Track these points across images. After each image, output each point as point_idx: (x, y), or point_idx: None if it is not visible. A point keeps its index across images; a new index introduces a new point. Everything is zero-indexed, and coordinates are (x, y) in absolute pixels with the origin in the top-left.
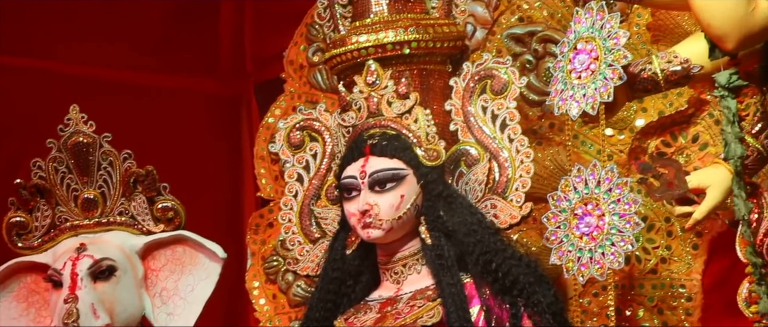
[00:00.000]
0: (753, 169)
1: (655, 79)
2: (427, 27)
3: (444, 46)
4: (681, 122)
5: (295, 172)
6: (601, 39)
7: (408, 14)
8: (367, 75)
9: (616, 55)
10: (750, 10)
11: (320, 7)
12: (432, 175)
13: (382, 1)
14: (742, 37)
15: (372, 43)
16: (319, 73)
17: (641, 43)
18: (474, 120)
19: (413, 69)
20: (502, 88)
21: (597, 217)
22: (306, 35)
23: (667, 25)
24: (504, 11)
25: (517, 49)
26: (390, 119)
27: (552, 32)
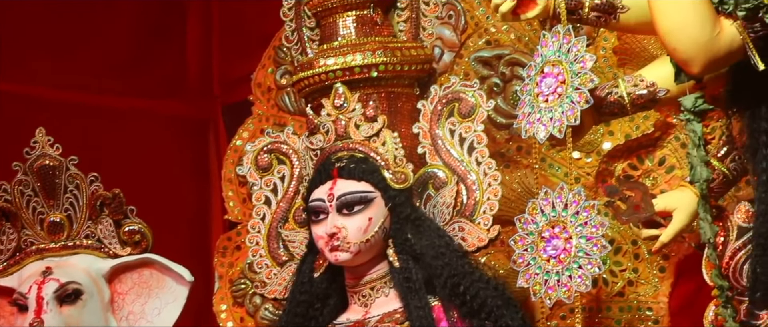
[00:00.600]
0: (719, 192)
1: (622, 102)
2: (394, 50)
3: (411, 69)
4: (647, 145)
5: (262, 195)
6: (567, 62)
7: (375, 37)
8: (335, 98)
9: (583, 78)
10: (715, 35)
11: (288, 29)
12: (400, 198)
13: (349, 24)
14: (707, 61)
15: (340, 66)
16: (287, 96)
17: (608, 66)
18: (442, 143)
19: (381, 92)
20: (469, 111)
21: (564, 240)
22: (274, 58)
23: (634, 48)
24: (471, 34)
25: (485, 72)
26: (358, 142)
27: (519, 55)
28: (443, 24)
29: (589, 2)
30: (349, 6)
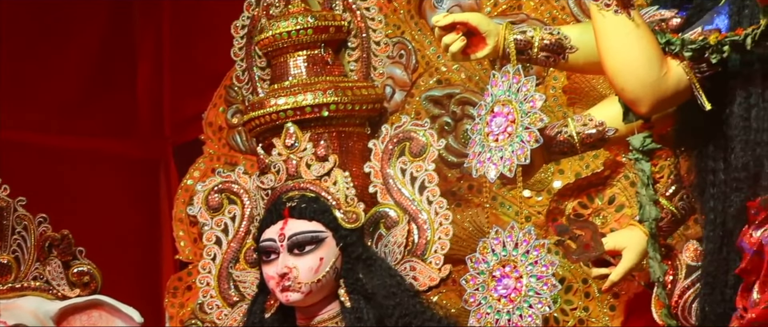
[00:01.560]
0: (667, 231)
1: (571, 141)
2: (345, 89)
3: (362, 108)
4: (597, 184)
5: (213, 235)
6: (517, 102)
7: (326, 77)
8: (286, 137)
9: (533, 118)
10: (662, 75)
11: (239, 69)
12: (351, 237)
13: (300, 63)
14: (655, 101)
15: (291, 105)
16: (239, 135)
17: (557, 105)
18: (393, 182)
19: (332, 131)
20: (420, 150)
21: (515, 279)
22: (225, 97)
23: (583, 88)
24: (422, 73)
25: (436, 111)
26: (309, 182)
27: (470, 94)
28: (394, 63)
29: (538, 42)
30: (300, 46)
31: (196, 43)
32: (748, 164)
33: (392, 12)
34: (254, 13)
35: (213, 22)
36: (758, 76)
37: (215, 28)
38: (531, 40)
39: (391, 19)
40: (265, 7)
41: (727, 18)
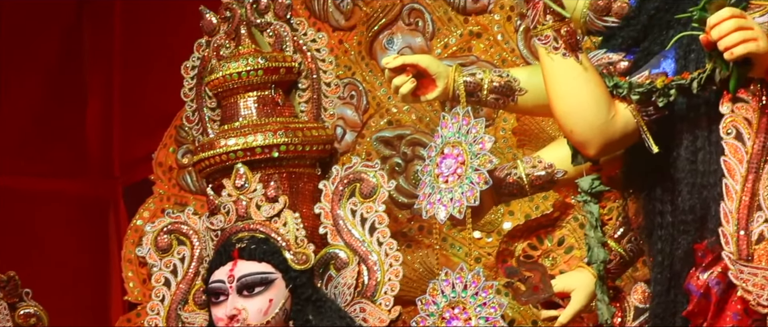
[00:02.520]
0: (616, 273)
1: (521, 183)
2: (296, 130)
3: (313, 149)
4: (547, 225)
5: (162, 276)
6: (467, 144)
7: (277, 118)
8: (236, 178)
9: (482, 159)
10: (610, 118)
11: (189, 110)
12: (301, 278)
13: (250, 104)
14: (603, 144)
15: (241, 146)
16: (189, 175)
17: (507, 147)
18: (343, 223)
19: (282, 172)
20: (370, 191)
21: (464, 321)
22: (175, 137)
23: (532, 129)
24: (373, 114)
25: (387, 152)
26: (259, 223)
27: (421, 135)
28: (345, 104)
29: (488, 85)
30: (250, 87)
31: (146, 83)
32: (695, 207)
33: (343, 53)
34: (204, 53)
35: (163, 63)
36: (704, 120)
37: (165, 69)
38: (480, 82)
39: (342, 60)
40: (215, 48)
41: (673, 62)
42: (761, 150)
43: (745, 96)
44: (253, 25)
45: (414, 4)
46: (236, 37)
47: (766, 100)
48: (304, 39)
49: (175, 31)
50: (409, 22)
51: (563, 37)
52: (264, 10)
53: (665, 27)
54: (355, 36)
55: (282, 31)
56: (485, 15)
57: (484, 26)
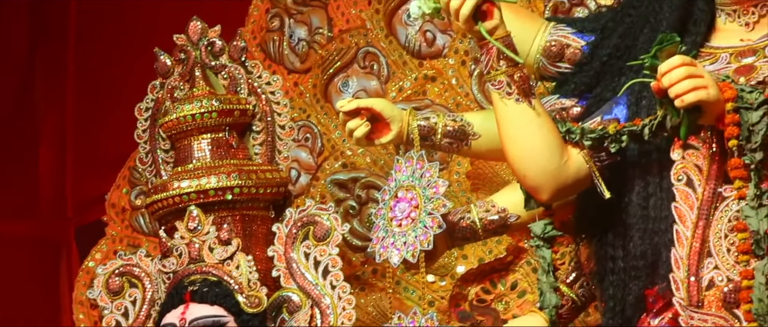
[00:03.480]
0: (568, 318)
1: (474, 227)
2: (250, 173)
3: (267, 192)
4: (500, 270)
5: (113, 318)
6: (421, 187)
7: (231, 160)
8: (189, 221)
9: (436, 203)
10: (563, 163)
11: (142, 151)
12: (253, 322)
13: (204, 146)
14: (555, 189)
15: (194, 188)
16: (142, 217)
17: (461, 190)
18: (296, 266)
19: (236, 215)
20: (324, 234)
21: None
22: (129, 178)
23: (486, 173)
24: (328, 157)
25: (341, 195)
26: (211, 265)
27: (375, 178)
28: (300, 146)
29: (442, 129)
30: (204, 129)
31: (100, 124)
32: (646, 253)
33: (298, 95)
34: (158, 95)
35: (117, 104)
36: (656, 166)
37: (119, 110)
38: (434, 126)
39: (297, 103)
40: (169, 89)
41: (625, 108)
42: (711, 196)
43: (695, 143)
44: (207, 68)
45: (369, 48)
46: (190, 79)
47: (716, 147)
48: (258, 81)
49: (129, 73)
50: (364, 66)
51: (516, 83)
52: (219, 52)
53: (617, 73)
54: (311, 78)
55: (237, 73)
56: (440, 59)
57: (438, 70)
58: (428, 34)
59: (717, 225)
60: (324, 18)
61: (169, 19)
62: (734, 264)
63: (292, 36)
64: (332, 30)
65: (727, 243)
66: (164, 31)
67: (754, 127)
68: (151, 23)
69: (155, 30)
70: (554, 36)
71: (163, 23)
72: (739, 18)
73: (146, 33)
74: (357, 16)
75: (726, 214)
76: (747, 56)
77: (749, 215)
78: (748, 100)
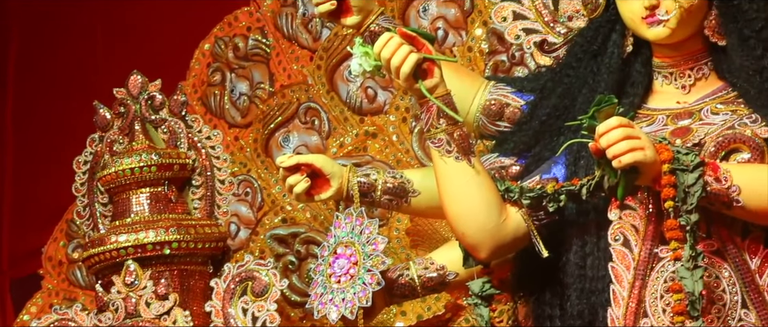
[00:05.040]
0: None
1: (412, 284)
2: (188, 227)
3: (205, 246)
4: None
5: None
6: (360, 244)
7: (169, 214)
8: (126, 275)
9: (375, 260)
10: (501, 221)
11: (80, 204)
12: None
13: (143, 201)
14: (494, 247)
15: (132, 243)
16: (79, 271)
17: (401, 247)
18: (234, 322)
19: (173, 269)
20: (262, 290)
21: None
22: (66, 231)
23: (426, 230)
24: (268, 212)
25: (280, 250)
26: (148, 320)
27: (315, 234)
28: (240, 201)
29: (382, 186)
30: (143, 183)
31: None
32: (583, 312)
33: (239, 150)
34: (97, 148)
35: (55, 157)
36: (593, 226)
37: (57, 163)
38: (374, 183)
39: (237, 157)
40: (108, 143)
41: (564, 168)
42: (648, 257)
43: (632, 203)
44: (147, 121)
45: (310, 103)
46: (130, 133)
47: (652, 208)
48: (199, 136)
49: (68, 126)
50: (306, 121)
51: (456, 141)
52: (159, 106)
53: (556, 133)
54: (251, 133)
55: (177, 127)
56: (381, 115)
57: (379, 126)
58: (369, 90)
59: (653, 285)
60: (265, 73)
61: (110, 72)
62: (670, 325)
63: (234, 90)
64: (274, 85)
65: (662, 304)
66: (104, 84)
67: (690, 189)
68: (90, 76)
69: (95, 83)
70: (494, 95)
71: (103, 76)
72: (675, 81)
73: (86, 86)
74: (298, 72)
75: (662, 274)
76: (683, 118)
77: (684, 276)
78: (684, 162)
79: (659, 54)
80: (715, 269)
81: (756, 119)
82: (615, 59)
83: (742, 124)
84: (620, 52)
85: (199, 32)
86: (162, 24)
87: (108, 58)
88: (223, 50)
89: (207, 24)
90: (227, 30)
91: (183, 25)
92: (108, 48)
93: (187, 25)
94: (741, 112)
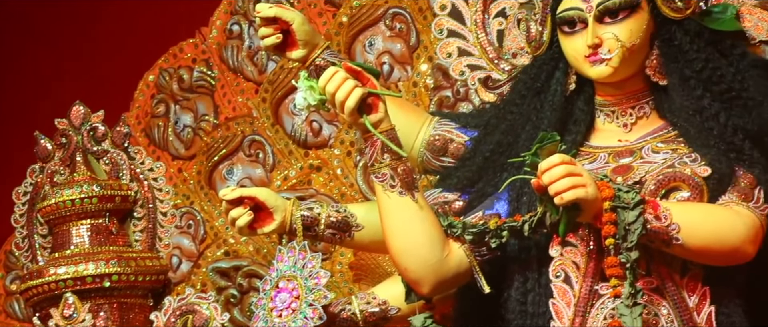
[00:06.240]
0: None
1: (355, 319)
2: (129, 260)
3: (146, 279)
4: None
5: None
6: (302, 278)
7: (110, 247)
8: (64, 308)
9: (317, 294)
10: (444, 257)
11: (19, 236)
12: None
13: (83, 232)
14: (436, 282)
15: (71, 275)
16: (17, 303)
17: (344, 281)
18: None
19: (113, 302)
20: (203, 323)
21: None
22: (4, 263)
23: (369, 265)
24: (210, 244)
25: (222, 283)
26: None
27: (257, 267)
28: (182, 233)
29: (325, 220)
30: (84, 214)
31: None
32: None
33: (182, 182)
34: (38, 179)
35: None
36: (535, 262)
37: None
38: (318, 217)
39: (180, 189)
40: (49, 174)
41: (506, 204)
42: (588, 294)
43: (573, 240)
44: (89, 152)
45: (255, 136)
46: (71, 164)
47: (593, 245)
48: (141, 168)
49: (8, 156)
50: (250, 154)
51: (400, 176)
52: (101, 137)
53: (499, 169)
54: (195, 165)
55: (119, 159)
56: (325, 149)
57: (324, 160)
58: (315, 123)
59: (593, 322)
60: (210, 105)
61: (52, 102)
62: None
63: (178, 122)
64: (218, 117)
65: None
66: (45, 115)
67: (630, 227)
68: (31, 106)
69: (36, 113)
70: (438, 130)
71: (45, 106)
72: (617, 119)
73: (27, 116)
74: (243, 104)
75: (602, 311)
76: (624, 156)
77: (624, 313)
78: (625, 199)
79: (601, 92)
80: (654, 306)
81: (696, 158)
82: (558, 97)
83: (682, 163)
84: (563, 89)
85: (143, 63)
86: (106, 54)
87: (50, 88)
88: (168, 82)
89: (152, 55)
90: (172, 61)
91: (127, 56)
92: (51, 78)
93: (131, 56)
94: (681, 151)
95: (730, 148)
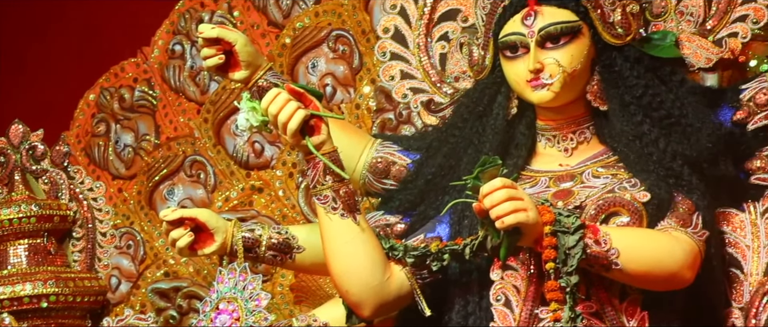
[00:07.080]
0: None
1: None
2: (67, 280)
3: (84, 300)
4: None
5: None
6: (243, 300)
7: (48, 267)
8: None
9: (257, 316)
10: (385, 279)
11: None
12: None
13: (21, 252)
14: (377, 305)
15: (8, 295)
16: None
17: (285, 303)
18: None
19: (51, 323)
20: None
21: None
22: None
23: (310, 287)
24: (150, 265)
25: (162, 304)
26: None
27: (197, 288)
28: (122, 253)
29: (266, 241)
30: (22, 234)
31: None
32: None
33: (122, 202)
34: None
35: None
36: (476, 285)
37: None
38: (259, 238)
39: (120, 209)
40: None
41: (448, 227)
42: (528, 318)
43: (514, 264)
44: (27, 172)
45: (196, 156)
46: (9, 183)
47: (534, 269)
48: (81, 187)
49: None
50: (191, 174)
51: (342, 198)
52: (40, 156)
53: (441, 192)
54: (135, 185)
55: (58, 178)
56: (267, 170)
57: (266, 181)
58: (257, 144)
59: None
60: (151, 125)
61: None
62: None
63: (118, 142)
64: (159, 137)
65: None
66: None
67: (571, 251)
68: None
69: None
70: (381, 153)
71: None
72: (558, 143)
73: None
74: (185, 125)
75: None
76: (565, 181)
77: None
78: (565, 224)
79: (543, 117)
80: None
81: (635, 184)
82: (500, 121)
83: (621, 188)
84: (505, 113)
85: (84, 82)
86: (46, 73)
87: None
88: (109, 101)
89: (92, 74)
90: (113, 80)
91: (67, 75)
92: None
93: (71, 75)
94: (621, 176)
95: (669, 174)
